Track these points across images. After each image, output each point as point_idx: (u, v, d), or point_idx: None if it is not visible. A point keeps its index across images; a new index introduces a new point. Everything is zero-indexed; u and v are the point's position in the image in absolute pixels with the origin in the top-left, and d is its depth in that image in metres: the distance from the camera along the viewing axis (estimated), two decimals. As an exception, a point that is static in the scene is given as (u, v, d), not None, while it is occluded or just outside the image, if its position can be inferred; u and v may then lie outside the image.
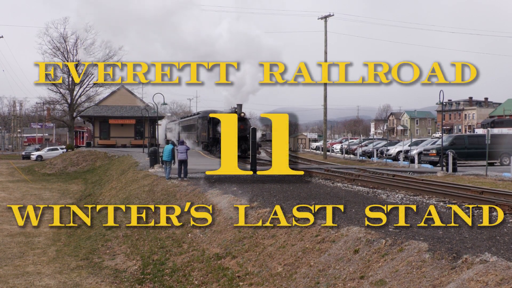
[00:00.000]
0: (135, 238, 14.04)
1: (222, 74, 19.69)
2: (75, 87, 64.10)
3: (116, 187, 24.50)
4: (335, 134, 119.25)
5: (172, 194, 17.36)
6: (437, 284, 6.50)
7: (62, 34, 63.30)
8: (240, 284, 9.29)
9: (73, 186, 33.14)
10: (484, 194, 14.12)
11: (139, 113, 50.26)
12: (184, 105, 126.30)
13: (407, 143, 36.76)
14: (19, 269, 12.48)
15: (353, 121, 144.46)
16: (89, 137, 65.94)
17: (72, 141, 65.41)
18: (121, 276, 11.55)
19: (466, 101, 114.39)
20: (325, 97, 43.23)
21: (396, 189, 15.87)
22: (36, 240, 15.73)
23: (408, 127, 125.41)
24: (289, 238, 9.99)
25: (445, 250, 7.29)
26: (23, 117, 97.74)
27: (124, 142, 53.70)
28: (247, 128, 30.02)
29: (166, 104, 63.84)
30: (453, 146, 28.60)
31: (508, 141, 30.23)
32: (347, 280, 7.66)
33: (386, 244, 8.11)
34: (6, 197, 26.47)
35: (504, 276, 6.00)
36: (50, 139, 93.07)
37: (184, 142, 20.77)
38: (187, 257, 11.56)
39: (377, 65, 14.23)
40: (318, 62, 17.12)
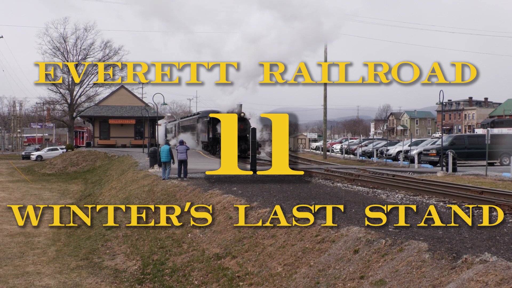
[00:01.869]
0: (135, 238, 14.04)
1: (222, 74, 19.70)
2: (75, 87, 64.13)
3: (116, 187, 24.49)
4: (335, 134, 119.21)
5: (172, 194, 17.35)
6: (437, 284, 6.50)
7: (62, 34, 63.38)
8: (240, 284, 9.29)
9: (73, 186, 33.14)
10: (484, 194, 14.12)
11: (139, 113, 50.28)
12: (184, 105, 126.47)
13: (407, 143, 36.76)
14: (19, 269, 12.48)
15: (353, 121, 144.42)
16: (89, 137, 65.93)
17: (72, 141, 65.41)
18: (121, 276, 11.55)
19: (466, 101, 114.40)
20: (325, 97, 43.24)
21: (396, 189, 15.86)
22: (36, 240, 15.73)
23: (408, 127, 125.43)
24: (289, 238, 9.99)
25: (445, 250, 7.29)
26: (23, 117, 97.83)
27: (124, 142, 53.71)
28: (247, 128, 30.04)
29: (166, 104, 63.84)
30: (453, 146, 28.60)
31: (508, 141, 30.22)
32: (347, 280, 7.66)
33: (386, 244, 8.11)
34: (6, 197, 26.46)
35: (504, 276, 6.00)
36: (50, 139, 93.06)
37: (183, 142, 20.74)
38: (187, 257, 11.56)
39: (377, 65, 14.26)
40: (318, 62, 17.16)
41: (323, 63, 27.33)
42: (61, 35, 63.31)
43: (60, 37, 63.29)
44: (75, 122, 69.58)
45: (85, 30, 63.51)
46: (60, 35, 63.33)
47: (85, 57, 64.14)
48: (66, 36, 63.69)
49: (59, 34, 63.47)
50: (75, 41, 63.83)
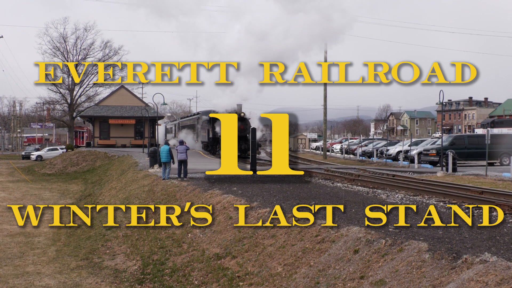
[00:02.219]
0: (135, 238, 14.04)
1: (222, 74, 19.72)
2: (75, 87, 64.15)
3: (116, 187, 24.49)
4: (335, 134, 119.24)
5: (172, 194, 17.35)
6: (437, 284, 6.50)
7: (62, 34, 63.39)
8: (240, 284, 9.29)
9: (73, 186, 33.14)
10: (484, 194, 14.12)
11: (139, 113, 50.27)
12: (184, 105, 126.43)
13: (407, 143, 36.76)
14: (19, 269, 12.48)
15: (353, 121, 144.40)
16: (89, 137, 65.94)
17: (72, 141, 65.41)
18: (121, 276, 11.55)
19: (466, 101, 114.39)
20: (325, 97, 43.24)
21: (396, 189, 15.86)
22: (36, 240, 15.73)
23: (408, 127, 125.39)
24: (289, 238, 9.99)
25: (445, 250, 7.29)
26: (23, 117, 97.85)
27: (124, 142, 53.72)
28: (247, 128, 30.04)
29: (166, 104, 63.86)
30: (453, 146, 28.60)
31: (508, 141, 30.22)
32: (347, 280, 7.66)
33: (386, 244, 8.11)
34: (6, 197, 26.46)
35: (504, 276, 6.00)
36: (50, 139, 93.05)
37: (183, 142, 20.72)
38: (187, 257, 11.56)
39: (377, 65, 14.27)
40: (318, 62, 17.17)
41: (323, 63, 27.32)
42: (61, 35, 63.39)
43: (60, 37, 63.38)
44: (75, 122, 69.60)
45: (85, 30, 63.62)
46: (60, 35, 63.43)
47: (85, 57, 64.23)
48: (66, 36, 63.78)
49: (59, 34, 63.56)
50: (75, 41, 63.92)
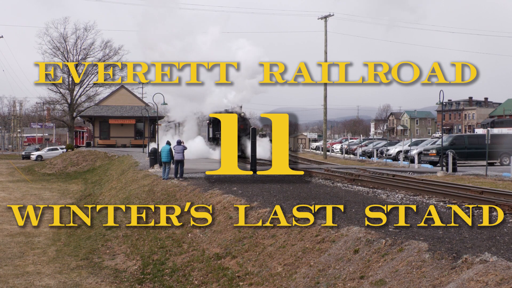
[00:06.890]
0: (135, 238, 14.04)
1: (222, 74, 19.71)
2: (75, 87, 64.10)
3: (116, 187, 24.50)
4: (335, 134, 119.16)
5: (172, 194, 17.36)
6: (437, 284, 6.50)
7: (62, 34, 63.34)
8: (240, 284, 9.29)
9: (73, 186, 33.14)
10: (484, 194, 14.11)
11: (139, 113, 50.26)
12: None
13: (407, 143, 36.76)
14: (19, 269, 12.48)
15: (353, 121, 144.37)
16: (89, 137, 65.91)
17: (72, 141, 65.38)
18: (121, 276, 11.55)
19: (466, 101, 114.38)
20: (325, 97, 43.24)
21: (396, 189, 15.86)
22: (36, 240, 15.73)
23: (408, 127, 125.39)
24: (289, 238, 9.99)
25: (445, 250, 7.29)
26: (23, 117, 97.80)
27: (124, 142, 53.72)
28: (247, 128, 30.05)
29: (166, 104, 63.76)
30: (453, 146, 28.60)
31: (508, 141, 30.21)
32: (347, 280, 7.66)
33: (386, 244, 8.11)
34: (6, 197, 26.46)
35: (504, 276, 6.00)
36: (50, 139, 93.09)
37: (181, 142, 20.63)
38: (187, 257, 11.56)
39: (377, 65, 14.24)
40: (318, 62, 17.15)
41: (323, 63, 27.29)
42: (61, 35, 63.29)
43: (60, 37, 63.28)
44: (75, 122, 69.52)
45: (85, 30, 63.52)
46: (60, 35, 63.32)
47: (85, 57, 64.15)
48: (66, 36, 63.68)
49: (59, 34, 63.44)
50: (75, 41, 63.83)
